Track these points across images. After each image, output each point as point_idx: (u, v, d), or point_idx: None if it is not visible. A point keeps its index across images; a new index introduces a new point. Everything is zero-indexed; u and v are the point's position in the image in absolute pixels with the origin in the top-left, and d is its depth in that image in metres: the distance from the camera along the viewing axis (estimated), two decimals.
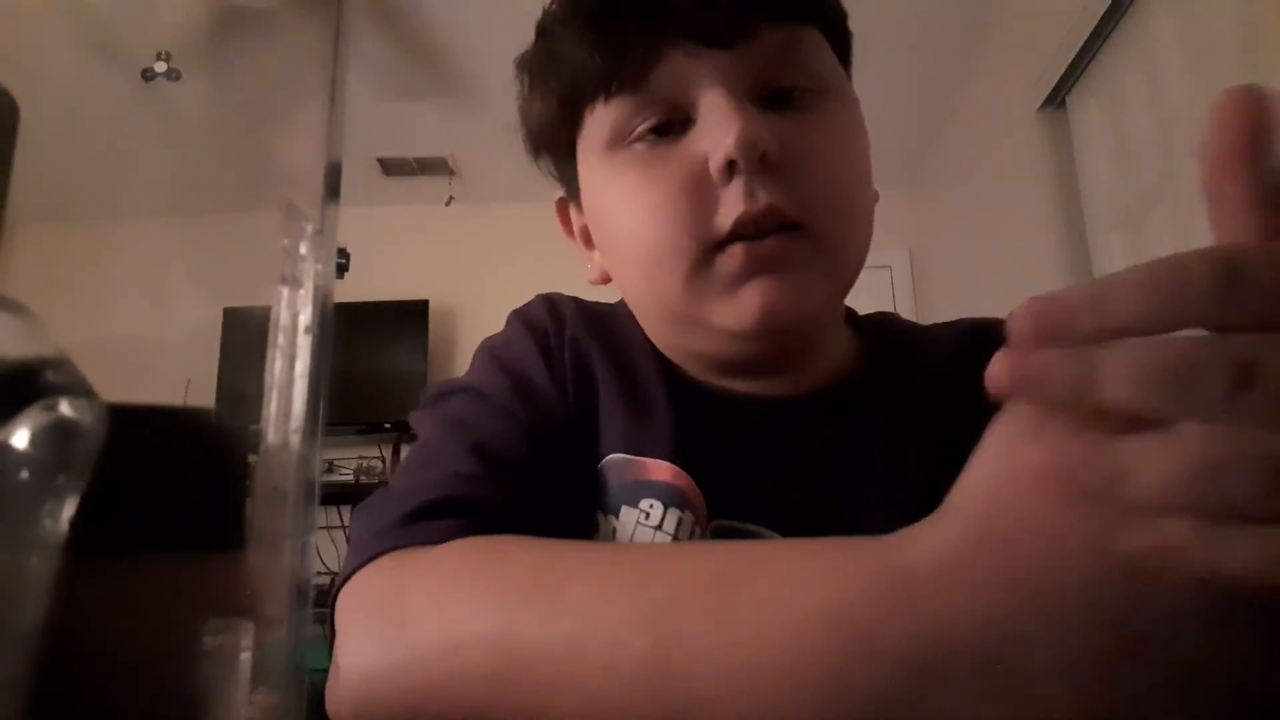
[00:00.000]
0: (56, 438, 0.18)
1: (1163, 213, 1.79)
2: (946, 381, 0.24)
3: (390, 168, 3.44)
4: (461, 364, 3.54)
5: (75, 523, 0.18)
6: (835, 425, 0.48)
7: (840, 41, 0.49)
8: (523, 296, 0.56)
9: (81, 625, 0.20)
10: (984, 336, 0.50)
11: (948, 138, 2.70)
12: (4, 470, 0.18)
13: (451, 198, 3.53)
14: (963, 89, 2.72)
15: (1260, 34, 1.45)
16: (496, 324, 0.54)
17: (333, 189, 0.24)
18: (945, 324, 0.55)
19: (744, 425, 0.48)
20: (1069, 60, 2.03)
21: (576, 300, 0.55)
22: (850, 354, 0.52)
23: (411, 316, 3.47)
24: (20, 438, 0.18)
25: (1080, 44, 1.97)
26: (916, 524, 0.26)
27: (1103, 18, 1.88)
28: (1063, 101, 2.18)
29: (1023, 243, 2.36)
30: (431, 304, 3.50)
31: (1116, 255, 1.97)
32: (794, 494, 0.46)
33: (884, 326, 0.56)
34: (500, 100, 0.55)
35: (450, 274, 3.62)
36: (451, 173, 3.49)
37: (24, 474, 0.18)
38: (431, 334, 3.47)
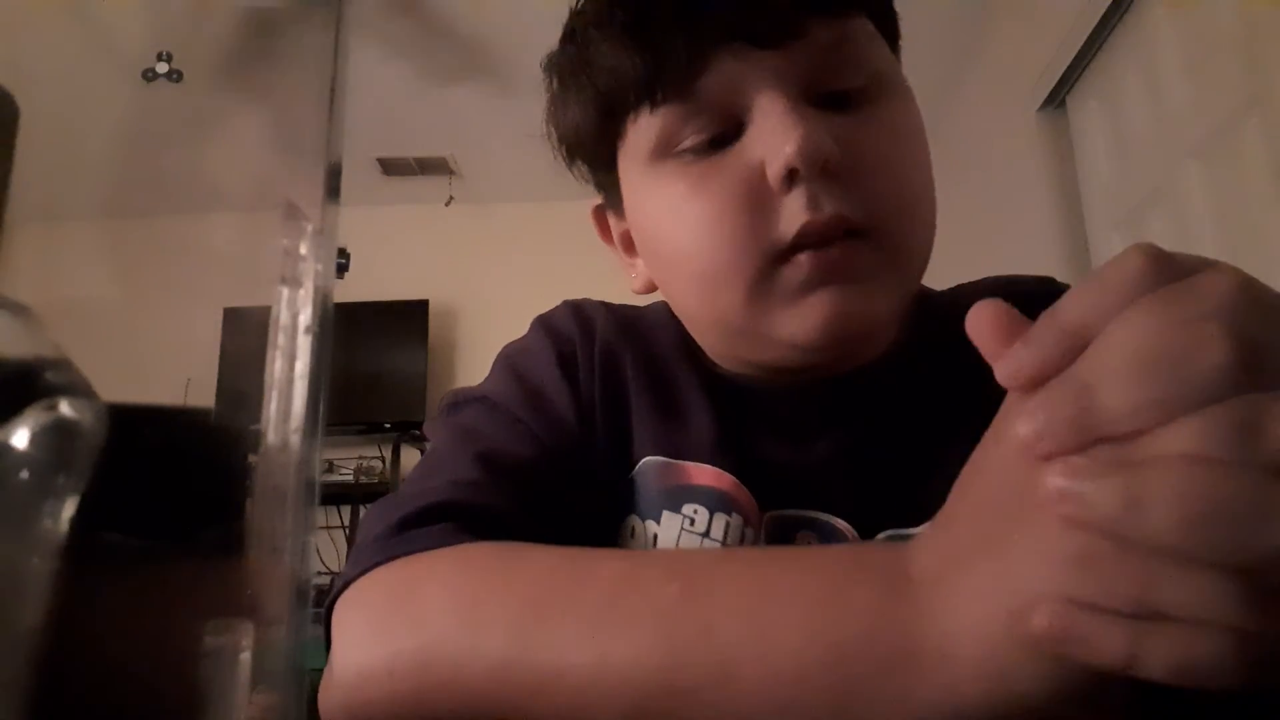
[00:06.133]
0: (56, 438, 0.18)
1: (1163, 213, 1.79)
2: None
3: (390, 168, 3.44)
4: (462, 364, 3.52)
5: (75, 523, 0.18)
6: (885, 398, 0.47)
7: (888, 24, 0.47)
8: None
9: (82, 625, 0.20)
10: (1013, 293, 0.49)
11: (947, 138, 2.70)
12: (4, 470, 0.18)
13: (451, 198, 3.53)
14: (962, 89, 2.72)
15: (1260, 34, 1.45)
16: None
17: (333, 189, 0.24)
18: (971, 284, 0.53)
19: (790, 412, 0.47)
20: (1069, 60, 2.03)
21: (606, 306, 0.53)
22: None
23: (411, 316, 3.47)
24: (20, 438, 0.18)
25: (1080, 44, 1.97)
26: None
27: (1103, 18, 1.88)
28: (1063, 101, 2.17)
29: (1023, 243, 2.36)
30: (431, 304, 3.50)
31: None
32: (850, 472, 0.45)
33: (921, 296, 0.54)
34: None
35: (450, 274, 3.63)
36: (451, 173, 3.49)
37: (24, 474, 0.18)
38: (431, 334, 3.47)
